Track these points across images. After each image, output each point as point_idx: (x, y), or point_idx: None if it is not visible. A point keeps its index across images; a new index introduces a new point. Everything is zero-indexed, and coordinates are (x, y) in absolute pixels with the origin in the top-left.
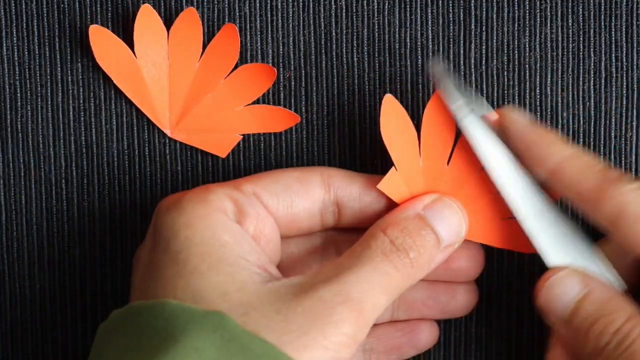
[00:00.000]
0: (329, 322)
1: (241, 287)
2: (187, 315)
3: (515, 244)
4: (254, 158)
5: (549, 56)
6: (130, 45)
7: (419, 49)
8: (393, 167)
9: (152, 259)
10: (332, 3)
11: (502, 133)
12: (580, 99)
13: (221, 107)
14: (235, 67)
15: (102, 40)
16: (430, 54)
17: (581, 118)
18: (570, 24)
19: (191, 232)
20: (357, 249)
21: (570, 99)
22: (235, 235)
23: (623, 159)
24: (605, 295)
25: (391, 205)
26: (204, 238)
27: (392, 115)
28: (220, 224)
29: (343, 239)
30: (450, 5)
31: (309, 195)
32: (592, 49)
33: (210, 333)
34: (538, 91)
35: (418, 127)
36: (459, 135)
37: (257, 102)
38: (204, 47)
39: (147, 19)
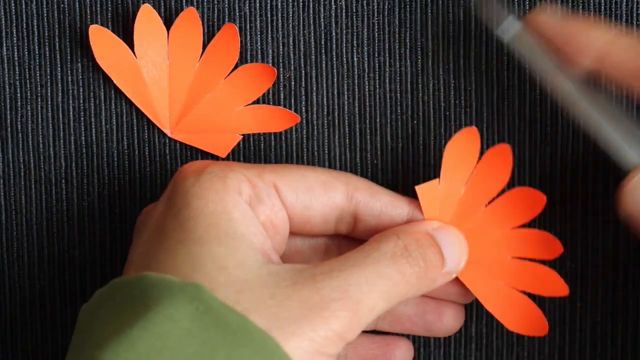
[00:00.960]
0: (320, 315)
1: (241, 264)
2: (163, 286)
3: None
4: (254, 158)
5: None
6: (130, 45)
7: (419, 49)
8: (438, 178)
9: (162, 223)
10: (332, 3)
11: (541, 37)
12: None
13: (221, 107)
14: (235, 67)
15: (102, 40)
16: (430, 54)
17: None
18: None
19: (203, 203)
20: (366, 247)
21: None
22: (245, 214)
23: None
24: None
25: None
26: (214, 211)
27: (463, 141)
28: (232, 201)
29: (347, 244)
30: (450, 5)
31: (329, 202)
32: None
33: (186, 304)
34: (538, 91)
35: (417, 128)
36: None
37: (257, 102)
38: (204, 47)
39: (147, 19)
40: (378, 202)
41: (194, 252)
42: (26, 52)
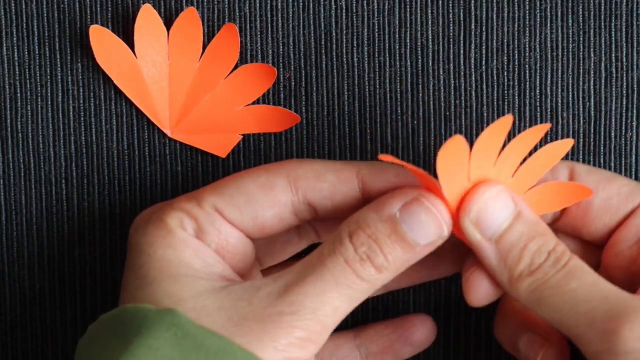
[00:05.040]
0: (279, 327)
1: (198, 294)
2: (141, 316)
3: None
4: (254, 158)
5: (549, 56)
6: (130, 45)
7: (419, 49)
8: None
9: (123, 277)
10: (332, 3)
11: None
12: (580, 99)
13: (221, 107)
14: (235, 67)
15: (102, 40)
16: (430, 54)
17: (581, 118)
18: (570, 24)
19: (153, 250)
20: (323, 251)
21: (570, 99)
22: (196, 250)
23: (623, 159)
24: (533, 217)
25: (365, 200)
26: (164, 255)
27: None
28: (181, 241)
29: (324, 226)
30: (450, 5)
31: (274, 202)
32: (592, 49)
33: (163, 331)
34: (538, 91)
35: (417, 128)
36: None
37: (257, 102)
38: (204, 47)
39: (147, 19)
40: (324, 184)
41: (150, 292)
42: (26, 52)
